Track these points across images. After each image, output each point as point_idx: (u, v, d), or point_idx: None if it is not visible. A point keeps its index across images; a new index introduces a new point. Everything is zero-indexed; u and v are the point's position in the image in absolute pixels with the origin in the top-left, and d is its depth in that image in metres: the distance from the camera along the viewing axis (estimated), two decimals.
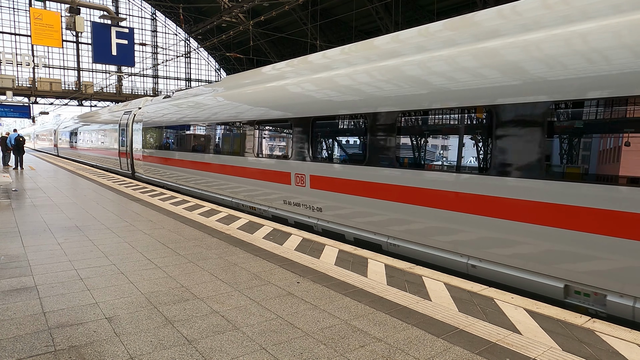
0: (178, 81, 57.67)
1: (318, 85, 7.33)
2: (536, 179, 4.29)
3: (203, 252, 5.73)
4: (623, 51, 3.73)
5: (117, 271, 4.83)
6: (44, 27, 10.61)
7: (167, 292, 4.19)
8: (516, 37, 4.69)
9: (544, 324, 3.51)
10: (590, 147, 4.05)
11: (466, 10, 28.08)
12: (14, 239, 6.28)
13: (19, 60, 24.35)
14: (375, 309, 3.84)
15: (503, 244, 4.62)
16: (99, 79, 51.54)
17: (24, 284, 4.34)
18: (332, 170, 6.88)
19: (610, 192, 3.80)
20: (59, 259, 5.27)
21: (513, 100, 4.46)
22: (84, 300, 3.95)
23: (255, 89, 9.29)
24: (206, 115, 10.91)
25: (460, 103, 4.98)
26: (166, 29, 56.19)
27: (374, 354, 3.02)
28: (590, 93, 3.91)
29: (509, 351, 3.06)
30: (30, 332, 3.27)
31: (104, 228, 7.10)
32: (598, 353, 3.04)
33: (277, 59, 43.22)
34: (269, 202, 8.59)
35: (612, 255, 3.82)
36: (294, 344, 3.15)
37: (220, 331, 3.35)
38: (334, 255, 5.63)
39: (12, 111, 35.44)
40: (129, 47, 10.36)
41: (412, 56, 5.83)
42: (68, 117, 37.16)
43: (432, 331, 3.38)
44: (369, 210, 6.24)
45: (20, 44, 47.17)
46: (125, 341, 3.15)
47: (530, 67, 4.37)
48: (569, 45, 4.14)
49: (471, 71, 4.93)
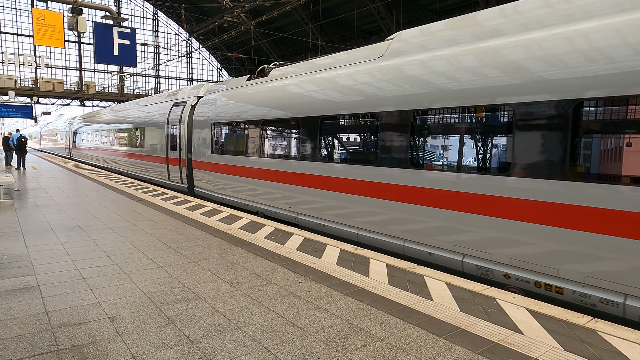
0: (180, 81, 57.76)
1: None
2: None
3: (205, 251, 5.74)
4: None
5: (119, 271, 4.84)
6: (46, 27, 10.63)
7: (169, 292, 4.20)
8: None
9: (546, 324, 3.50)
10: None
11: (468, 9, 28.05)
12: (17, 238, 6.30)
13: (22, 60, 24.35)
14: (377, 308, 3.84)
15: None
16: (101, 79, 51.63)
17: (27, 284, 4.36)
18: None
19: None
20: (62, 259, 5.28)
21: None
22: (87, 299, 3.96)
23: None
24: (376, 100, 6.31)
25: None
26: (168, 29, 56.27)
27: (376, 353, 3.02)
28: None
29: (511, 351, 3.05)
30: (33, 331, 3.28)
31: (106, 228, 7.11)
32: (600, 353, 3.03)
33: (278, 59, 43.23)
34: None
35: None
36: (296, 344, 3.15)
37: (222, 331, 3.35)
38: (336, 255, 5.63)
39: (14, 111, 35.53)
40: (130, 47, 10.37)
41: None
42: (83, 113, 31.93)
43: (434, 331, 3.38)
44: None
45: (22, 44, 47.29)
46: (128, 340, 3.16)
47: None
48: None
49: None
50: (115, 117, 20.69)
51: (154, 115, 15.16)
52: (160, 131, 14.30)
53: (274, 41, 44.49)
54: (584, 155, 4.19)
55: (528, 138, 4.49)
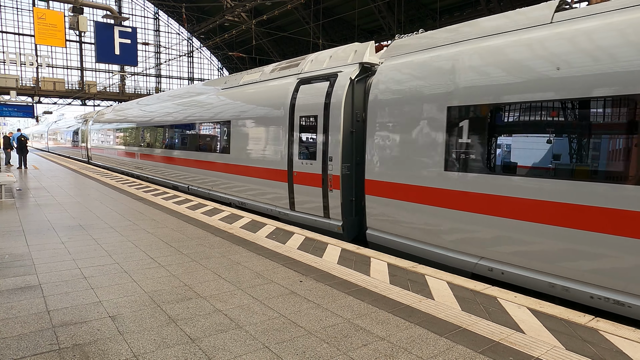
0: (181, 80, 57.79)
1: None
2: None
3: (206, 251, 5.74)
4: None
5: (120, 270, 4.85)
6: (48, 26, 10.64)
7: (171, 291, 4.20)
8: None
9: (547, 323, 3.50)
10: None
11: (469, 9, 28.01)
12: (18, 237, 6.31)
13: (23, 60, 24.33)
14: (378, 307, 3.84)
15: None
16: (102, 78, 51.68)
17: (28, 283, 4.37)
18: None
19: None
20: (63, 258, 5.29)
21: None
22: (88, 298, 3.96)
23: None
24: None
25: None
26: (169, 29, 56.27)
27: (377, 352, 3.02)
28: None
29: (512, 350, 3.05)
30: (34, 330, 3.29)
31: (107, 227, 7.12)
32: (602, 352, 3.03)
33: (279, 58, 43.23)
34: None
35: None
36: (297, 343, 3.15)
37: (224, 330, 3.35)
38: (337, 254, 5.63)
39: (15, 111, 35.52)
40: (131, 46, 10.38)
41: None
42: (106, 107, 26.60)
43: (435, 330, 3.38)
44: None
45: (23, 43, 47.34)
46: (129, 339, 3.16)
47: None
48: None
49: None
50: (175, 108, 13.60)
51: (260, 102, 9.18)
52: (273, 129, 8.62)
53: (275, 40, 44.47)
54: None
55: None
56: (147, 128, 15.91)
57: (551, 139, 4.58)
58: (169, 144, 13.92)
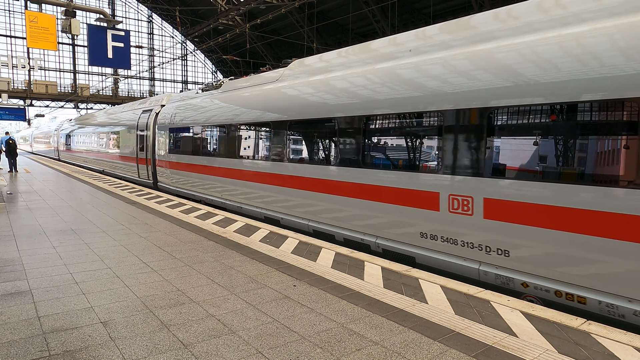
0: (175, 84, 57.62)
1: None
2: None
3: (199, 255, 5.71)
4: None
5: (112, 275, 4.81)
6: (40, 29, 10.57)
7: (163, 296, 4.17)
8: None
9: (540, 327, 3.51)
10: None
11: (463, 13, 28.21)
12: (9, 242, 6.23)
13: (15, 62, 24.12)
14: (372, 312, 3.83)
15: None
16: (95, 81, 51.42)
17: (19, 288, 4.31)
18: None
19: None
20: (54, 263, 5.23)
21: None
22: (79, 304, 3.92)
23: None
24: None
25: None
26: (163, 32, 56.18)
27: (371, 357, 3.01)
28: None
29: (505, 354, 3.06)
30: (24, 336, 3.25)
31: (99, 231, 7.07)
32: (594, 355, 3.05)
33: (273, 61, 43.25)
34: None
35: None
36: (290, 348, 3.14)
37: (216, 335, 3.33)
38: (331, 258, 5.63)
39: (7, 114, 35.21)
40: (124, 50, 10.34)
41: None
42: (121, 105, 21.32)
43: (429, 334, 3.38)
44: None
45: (15, 46, 47.06)
46: (121, 345, 3.13)
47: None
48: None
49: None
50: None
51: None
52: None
53: (269, 44, 44.54)
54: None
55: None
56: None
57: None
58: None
